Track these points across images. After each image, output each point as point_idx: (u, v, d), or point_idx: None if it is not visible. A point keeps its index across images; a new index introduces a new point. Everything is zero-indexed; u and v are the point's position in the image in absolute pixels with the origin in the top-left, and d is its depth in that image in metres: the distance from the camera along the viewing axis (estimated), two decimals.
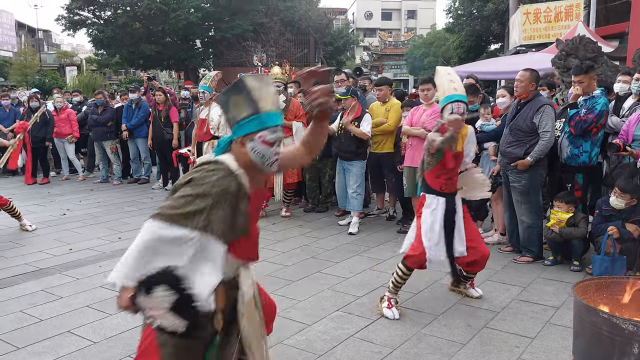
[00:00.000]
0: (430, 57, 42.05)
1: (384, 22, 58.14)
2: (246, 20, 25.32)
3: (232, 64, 24.02)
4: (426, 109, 5.78)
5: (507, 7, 20.15)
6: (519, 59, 12.38)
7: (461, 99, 3.70)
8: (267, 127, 2.03)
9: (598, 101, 4.76)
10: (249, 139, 2.02)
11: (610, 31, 14.06)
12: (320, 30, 29.12)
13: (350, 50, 40.92)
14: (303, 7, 28.34)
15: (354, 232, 6.04)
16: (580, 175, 4.95)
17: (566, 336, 3.37)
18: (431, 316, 3.80)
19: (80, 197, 8.33)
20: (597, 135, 4.85)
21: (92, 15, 26.67)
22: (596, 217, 4.77)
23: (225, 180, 1.94)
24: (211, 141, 7.35)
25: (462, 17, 27.84)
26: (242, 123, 2.03)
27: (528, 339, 3.43)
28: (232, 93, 2.05)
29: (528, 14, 15.50)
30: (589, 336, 2.30)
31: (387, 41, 48.71)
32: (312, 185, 7.06)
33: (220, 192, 1.90)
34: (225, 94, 2.07)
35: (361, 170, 6.26)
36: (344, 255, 5.26)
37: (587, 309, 2.29)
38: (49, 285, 4.42)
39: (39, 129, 9.35)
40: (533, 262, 4.96)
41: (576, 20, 13.67)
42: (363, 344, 3.36)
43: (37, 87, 21.82)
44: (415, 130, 5.74)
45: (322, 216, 6.92)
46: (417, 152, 5.78)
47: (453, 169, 3.84)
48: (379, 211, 7.02)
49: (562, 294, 4.18)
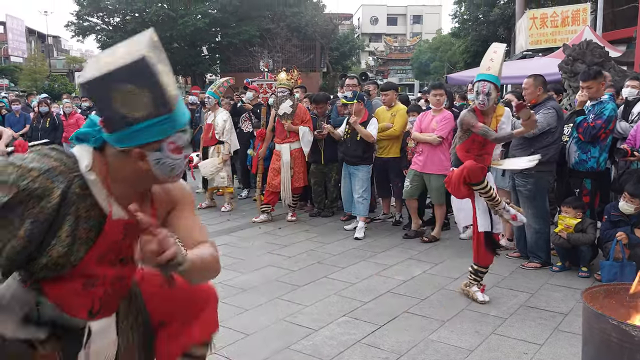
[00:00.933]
0: (436, 62, 42.10)
1: (389, 27, 58.26)
2: (253, 26, 25.48)
3: (239, 70, 24.15)
4: (435, 115, 5.80)
5: (513, 12, 20.11)
6: (526, 63, 12.35)
7: (487, 79, 3.83)
8: (180, 129, 1.45)
9: (606, 106, 4.74)
10: (152, 149, 1.40)
11: (617, 36, 14.01)
12: (326, 36, 29.22)
13: (356, 55, 41.03)
14: (309, 12, 28.48)
15: (360, 237, 6.03)
16: (588, 180, 4.92)
17: (575, 343, 3.34)
18: (438, 322, 3.78)
19: None
20: (605, 140, 4.82)
21: (101, 22, 26.94)
22: (605, 222, 4.74)
23: (54, 177, 1.34)
24: (216, 146, 7.39)
25: (468, 22, 27.84)
26: (142, 126, 1.35)
27: (536, 345, 3.41)
28: (119, 79, 1.30)
29: (534, 18, 15.46)
30: (598, 343, 2.28)
31: (392, 46, 48.79)
32: (318, 189, 7.06)
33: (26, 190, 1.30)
34: (104, 79, 1.30)
35: (367, 175, 6.26)
36: (350, 260, 5.25)
37: (597, 316, 2.28)
38: None
39: (48, 134, 9.40)
40: (541, 268, 4.93)
41: (583, 25, 13.62)
42: (370, 349, 3.35)
43: (47, 93, 21.99)
44: (427, 137, 5.75)
45: (328, 221, 6.92)
46: (429, 159, 5.80)
47: (483, 145, 3.96)
48: (385, 216, 7.01)
49: (570, 301, 4.15)
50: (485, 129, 3.90)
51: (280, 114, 6.61)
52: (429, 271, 4.92)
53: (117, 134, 1.36)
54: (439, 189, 5.77)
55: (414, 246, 5.74)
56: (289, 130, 6.60)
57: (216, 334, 1.93)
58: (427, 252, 5.53)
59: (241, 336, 3.51)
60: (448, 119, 5.79)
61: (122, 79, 1.29)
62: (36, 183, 1.31)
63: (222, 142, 7.33)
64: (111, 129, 1.36)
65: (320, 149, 6.81)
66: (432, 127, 5.78)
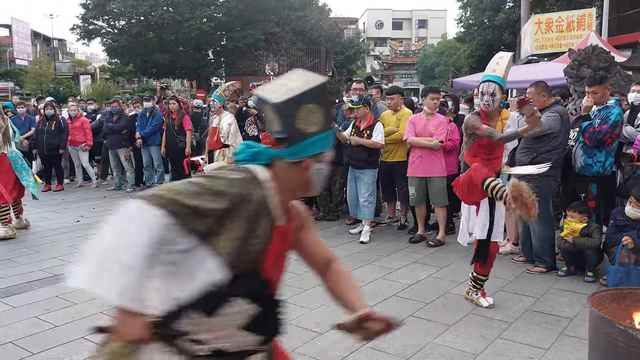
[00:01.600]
0: (441, 66, 42.11)
1: (394, 32, 58.37)
2: (258, 29, 25.57)
3: (244, 73, 24.24)
4: (429, 119, 5.85)
5: (518, 16, 20.12)
6: (531, 68, 12.37)
7: (492, 79, 3.87)
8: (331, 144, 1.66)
9: (612, 111, 4.74)
10: (316, 160, 1.59)
11: (622, 41, 14.00)
12: (331, 40, 29.27)
13: (361, 60, 41.06)
14: (314, 16, 28.54)
15: (366, 240, 6.04)
16: (594, 185, 4.92)
17: (580, 348, 3.34)
18: (444, 326, 3.78)
19: (94, 205, 8.41)
20: (611, 145, 4.82)
21: (107, 25, 27.09)
22: (610, 227, 4.73)
23: (249, 185, 1.50)
24: (222, 149, 7.42)
25: (473, 27, 27.87)
26: (314, 140, 1.57)
27: (542, 350, 3.41)
28: (309, 100, 1.55)
29: (540, 23, 15.47)
30: (605, 348, 2.28)
31: (397, 50, 48.81)
32: (323, 193, 7.07)
33: (239, 196, 1.46)
34: (295, 100, 1.53)
35: (373, 178, 6.27)
36: (355, 264, 5.25)
37: (603, 321, 2.28)
38: (64, 292, 4.46)
39: (53, 137, 9.46)
40: (546, 272, 4.92)
41: (588, 29, 13.62)
42: (375, 353, 3.35)
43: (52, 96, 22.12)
44: (427, 142, 5.77)
45: (333, 225, 6.93)
46: (429, 163, 5.83)
47: (490, 149, 3.97)
48: (390, 220, 7.01)
49: (576, 305, 4.14)
50: (489, 130, 3.90)
51: None
52: (434, 275, 4.92)
53: (292, 147, 1.55)
54: (440, 191, 5.82)
55: (419, 250, 5.74)
56: None
57: None
58: (433, 256, 5.53)
59: None
60: (444, 122, 5.91)
61: (308, 99, 1.53)
62: (242, 189, 1.48)
63: (227, 145, 7.35)
64: (287, 143, 1.56)
65: None
66: (430, 131, 5.82)
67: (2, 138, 6.26)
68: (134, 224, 1.33)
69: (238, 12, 25.36)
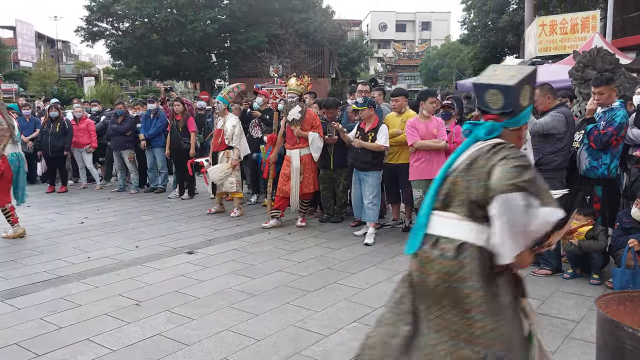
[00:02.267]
0: (445, 68, 42.12)
1: (398, 34, 58.42)
2: (261, 31, 25.61)
3: (248, 75, 24.27)
4: (427, 122, 5.92)
5: (522, 18, 20.11)
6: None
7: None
8: None
9: (617, 113, 4.72)
10: (525, 127, 2.13)
11: (627, 43, 13.98)
12: (335, 42, 29.32)
13: (365, 62, 41.12)
14: (318, 18, 28.58)
15: (370, 242, 6.03)
16: (599, 187, 4.90)
17: (587, 351, 3.32)
18: None
19: (97, 206, 8.43)
20: (616, 147, 4.80)
21: (111, 27, 27.19)
22: (616, 229, 4.71)
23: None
24: (226, 151, 7.43)
25: (476, 29, 27.86)
26: (527, 111, 2.09)
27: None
28: (527, 82, 2.05)
29: (544, 25, 15.46)
30: (613, 350, 2.27)
31: (401, 52, 48.88)
32: (327, 195, 7.07)
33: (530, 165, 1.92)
34: (522, 82, 2.03)
35: (377, 180, 6.26)
36: (360, 266, 5.25)
37: (611, 323, 2.27)
38: (68, 293, 4.46)
39: (57, 139, 9.49)
40: (552, 275, 4.90)
41: (592, 32, 13.60)
42: None
43: (56, 97, 22.20)
44: (434, 144, 5.80)
45: (338, 226, 6.92)
46: (435, 164, 5.81)
47: None
48: (394, 222, 7.00)
49: (582, 308, 4.12)
50: None
51: (289, 120, 6.64)
52: None
53: (516, 117, 2.05)
54: None
55: None
56: (298, 136, 6.63)
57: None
58: None
59: (251, 342, 3.52)
60: (442, 123, 6.05)
61: (528, 80, 2.04)
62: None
63: (231, 147, 7.36)
64: (512, 115, 2.04)
65: (329, 155, 6.83)
66: (433, 133, 5.85)
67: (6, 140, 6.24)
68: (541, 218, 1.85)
69: (242, 14, 25.41)
